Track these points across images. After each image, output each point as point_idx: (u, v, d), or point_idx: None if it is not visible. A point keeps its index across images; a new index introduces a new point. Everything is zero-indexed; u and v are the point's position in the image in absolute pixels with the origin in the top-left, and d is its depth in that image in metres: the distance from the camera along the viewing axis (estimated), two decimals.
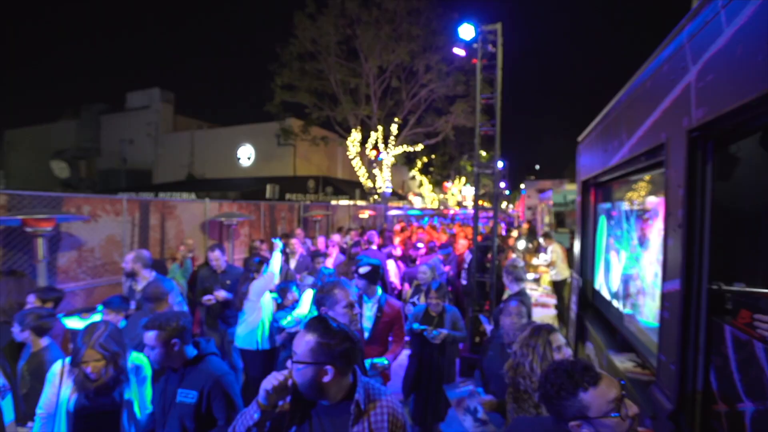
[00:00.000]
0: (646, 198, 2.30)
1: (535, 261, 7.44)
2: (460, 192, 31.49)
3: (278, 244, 3.86)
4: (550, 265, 6.85)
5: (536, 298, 5.61)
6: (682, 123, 1.54)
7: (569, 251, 6.39)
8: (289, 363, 1.28)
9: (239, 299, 3.47)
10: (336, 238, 5.84)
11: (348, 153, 17.35)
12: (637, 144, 2.12)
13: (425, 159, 24.25)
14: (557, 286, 6.78)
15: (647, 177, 2.29)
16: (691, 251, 1.54)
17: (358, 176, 17.63)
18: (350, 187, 19.43)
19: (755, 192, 1.69)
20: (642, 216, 2.33)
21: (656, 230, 2.08)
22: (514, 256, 6.95)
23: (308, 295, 3.49)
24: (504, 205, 42.50)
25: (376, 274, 2.82)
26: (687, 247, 1.54)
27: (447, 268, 5.95)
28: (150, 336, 1.82)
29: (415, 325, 3.11)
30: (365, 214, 12.73)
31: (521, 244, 7.68)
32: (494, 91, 4.74)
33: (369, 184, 17.45)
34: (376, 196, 17.39)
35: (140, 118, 26.23)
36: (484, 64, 4.97)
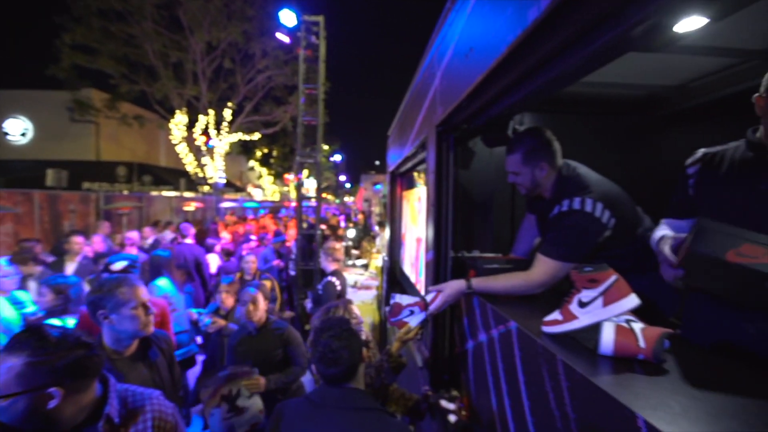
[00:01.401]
0: (423, 185, 2.72)
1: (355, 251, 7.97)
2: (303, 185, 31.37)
3: (5, 268, 2.83)
4: (380, 251, 7.51)
5: (361, 282, 6.03)
6: (434, 120, 1.85)
7: None
8: None
9: None
10: (132, 235, 5.01)
11: (172, 137, 15.14)
12: (415, 137, 2.47)
13: (265, 149, 23.20)
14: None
15: (423, 166, 2.70)
16: (439, 226, 1.88)
17: (185, 164, 15.61)
18: (175, 176, 17.01)
19: (485, 179, 2.18)
20: (419, 200, 2.75)
21: (424, 212, 2.48)
22: (344, 243, 7.33)
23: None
24: (347, 198, 44.41)
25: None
26: (437, 223, 1.87)
27: (276, 262, 5.84)
28: None
29: (195, 311, 2.95)
30: (191, 207, 11.37)
31: (351, 233, 8.19)
32: (317, 83, 4.83)
33: (199, 173, 15.65)
34: (207, 187, 15.73)
35: None
36: (308, 55, 5.01)
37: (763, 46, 1.77)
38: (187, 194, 15.12)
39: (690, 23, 1.54)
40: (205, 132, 15.36)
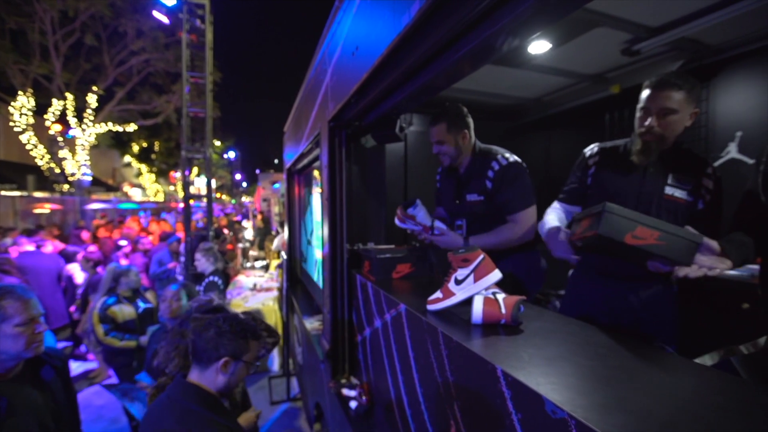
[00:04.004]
0: (320, 181, 2.74)
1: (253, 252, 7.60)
2: (193, 183, 28.36)
3: None
4: (281, 251, 7.25)
5: (261, 284, 5.77)
6: (326, 115, 1.88)
7: None
8: None
9: None
10: None
11: (13, 124, 12.33)
12: (309, 133, 2.46)
13: (144, 143, 20.39)
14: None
15: (318, 163, 2.72)
16: (334, 220, 1.91)
17: (34, 158, 12.87)
18: (20, 172, 13.94)
19: (378, 174, 2.29)
20: (317, 196, 2.76)
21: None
22: (241, 245, 6.92)
23: None
24: (244, 197, 41.77)
25: None
26: (332, 217, 1.91)
27: (172, 264, 5.24)
28: None
29: None
30: (45, 209, 9.47)
31: (248, 234, 7.76)
32: (204, 71, 4.46)
33: (54, 168, 13.05)
34: (66, 186, 13.24)
35: None
36: (193, 40, 4.58)
37: (591, 71, 2.22)
38: (39, 194, 12.49)
39: (539, 46, 1.86)
40: (62, 119, 12.88)
